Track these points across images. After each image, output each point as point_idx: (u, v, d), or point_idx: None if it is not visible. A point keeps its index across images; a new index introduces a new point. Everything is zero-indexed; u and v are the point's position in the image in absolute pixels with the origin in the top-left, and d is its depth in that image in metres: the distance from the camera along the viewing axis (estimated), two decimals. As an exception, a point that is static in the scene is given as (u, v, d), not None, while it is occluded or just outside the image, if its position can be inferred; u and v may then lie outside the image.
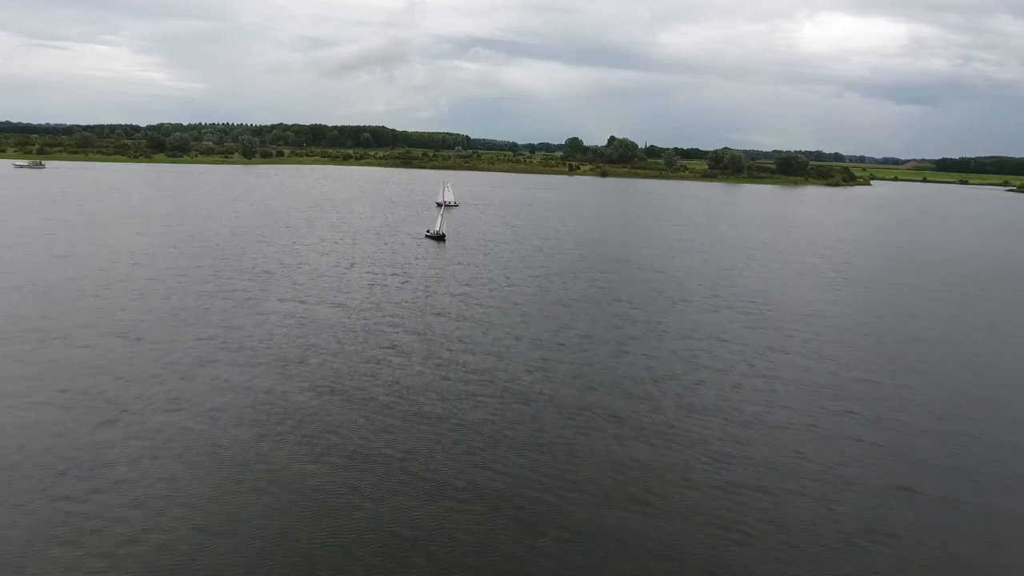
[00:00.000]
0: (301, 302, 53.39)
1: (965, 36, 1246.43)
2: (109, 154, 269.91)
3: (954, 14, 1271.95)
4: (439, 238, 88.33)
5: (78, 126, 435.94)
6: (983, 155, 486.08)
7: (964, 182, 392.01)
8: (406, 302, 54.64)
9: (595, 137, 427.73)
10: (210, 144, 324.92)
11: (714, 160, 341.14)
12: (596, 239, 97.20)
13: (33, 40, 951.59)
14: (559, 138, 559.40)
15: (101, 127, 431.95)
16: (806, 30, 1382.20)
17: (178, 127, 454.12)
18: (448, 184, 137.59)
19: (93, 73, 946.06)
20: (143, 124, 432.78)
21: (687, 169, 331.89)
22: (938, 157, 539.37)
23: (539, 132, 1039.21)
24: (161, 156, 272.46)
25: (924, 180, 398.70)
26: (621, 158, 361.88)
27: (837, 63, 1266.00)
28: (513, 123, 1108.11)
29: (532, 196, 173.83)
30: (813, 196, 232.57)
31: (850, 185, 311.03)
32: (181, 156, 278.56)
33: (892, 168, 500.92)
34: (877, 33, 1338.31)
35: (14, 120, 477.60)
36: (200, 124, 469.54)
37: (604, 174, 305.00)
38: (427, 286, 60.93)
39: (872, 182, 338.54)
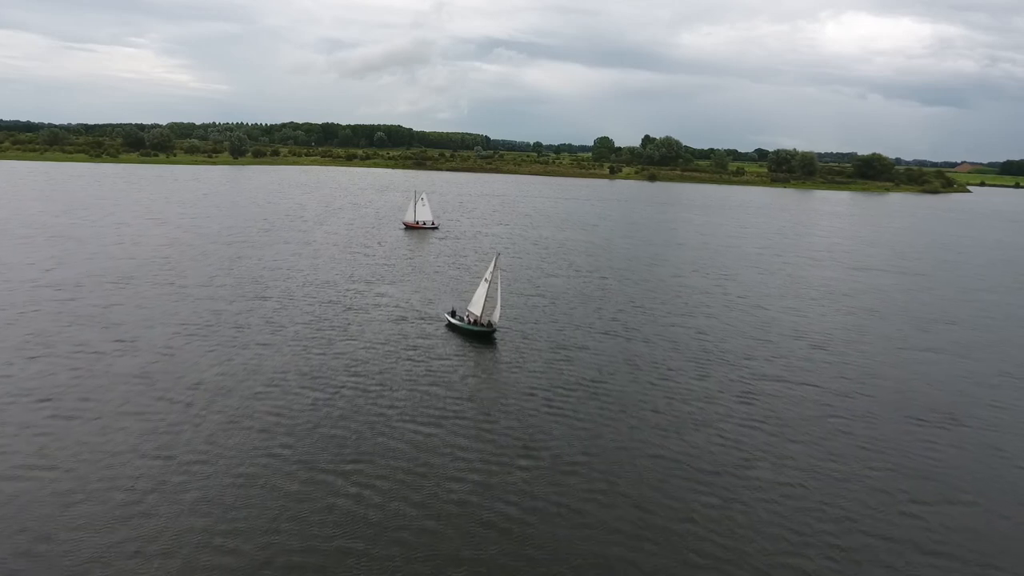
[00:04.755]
0: None
1: (992, 36, 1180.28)
2: (72, 153, 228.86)
3: (980, 14, 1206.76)
4: (483, 334, 41.89)
5: (84, 124, 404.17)
6: (1016, 157, 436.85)
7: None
8: None
9: (617, 138, 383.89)
10: (195, 142, 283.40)
11: (775, 162, 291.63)
12: (787, 327, 50.99)
13: (62, 42, 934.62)
14: (579, 139, 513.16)
15: (105, 126, 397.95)
16: (829, 30, 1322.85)
17: (188, 127, 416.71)
18: (422, 195, 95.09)
19: (119, 74, 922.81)
20: (156, 123, 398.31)
21: (745, 172, 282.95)
22: (973, 159, 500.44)
23: (558, 133, 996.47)
24: (133, 156, 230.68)
25: (1017, 186, 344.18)
26: (664, 159, 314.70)
27: (861, 64, 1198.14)
28: (532, 124, 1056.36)
29: (585, 211, 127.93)
30: (945, 208, 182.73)
31: (948, 192, 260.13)
32: (157, 155, 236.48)
33: (948, 171, 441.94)
34: (901, 33, 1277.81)
35: (35, 120, 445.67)
36: (214, 123, 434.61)
37: (652, 177, 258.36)
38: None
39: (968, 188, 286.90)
